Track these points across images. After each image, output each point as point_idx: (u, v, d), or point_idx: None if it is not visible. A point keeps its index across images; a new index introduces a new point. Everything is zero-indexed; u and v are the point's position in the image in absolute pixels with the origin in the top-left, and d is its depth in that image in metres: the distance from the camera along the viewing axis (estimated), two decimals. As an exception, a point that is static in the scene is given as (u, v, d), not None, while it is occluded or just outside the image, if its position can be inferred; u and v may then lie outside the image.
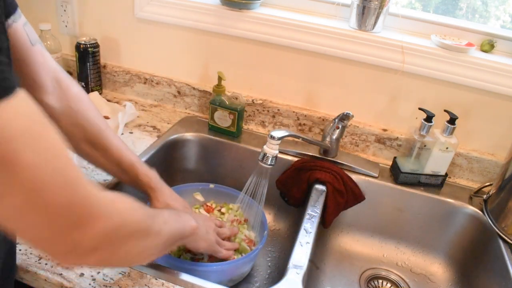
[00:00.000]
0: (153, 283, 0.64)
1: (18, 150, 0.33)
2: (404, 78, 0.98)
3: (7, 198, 0.34)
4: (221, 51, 1.09)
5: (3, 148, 0.32)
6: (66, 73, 0.66)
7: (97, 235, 0.40)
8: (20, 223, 0.36)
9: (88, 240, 0.40)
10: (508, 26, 1.03)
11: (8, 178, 0.33)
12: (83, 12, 1.17)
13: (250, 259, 0.82)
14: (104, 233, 0.41)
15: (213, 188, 0.94)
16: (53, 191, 0.36)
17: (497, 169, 0.99)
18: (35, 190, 0.35)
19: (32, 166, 0.34)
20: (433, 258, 1.00)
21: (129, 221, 0.46)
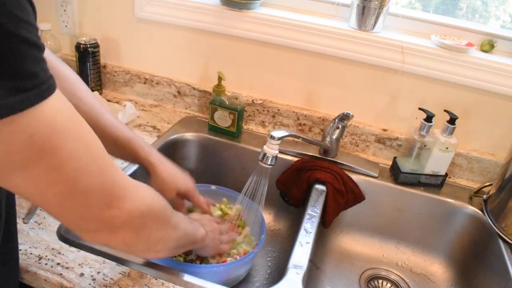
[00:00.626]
0: (153, 283, 0.64)
1: (61, 143, 0.37)
2: (404, 78, 0.98)
3: (55, 186, 0.38)
4: (221, 51, 1.09)
5: (50, 141, 0.36)
6: (55, 55, 0.66)
7: (125, 215, 0.45)
8: (62, 207, 0.41)
9: (118, 219, 0.44)
10: (508, 26, 1.03)
11: (55, 167, 0.37)
12: (83, 12, 1.17)
13: (246, 262, 0.82)
14: (131, 214, 0.45)
15: (215, 190, 0.93)
16: (91, 177, 0.40)
17: (497, 169, 0.99)
18: (76, 177, 0.39)
19: (74, 156, 0.38)
20: (433, 258, 1.00)
21: (153, 207, 0.49)
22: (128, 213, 0.45)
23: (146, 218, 0.48)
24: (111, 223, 0.44)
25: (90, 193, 0.41)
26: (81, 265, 0.65)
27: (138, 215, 0.47)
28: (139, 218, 0.47)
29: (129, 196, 0.45)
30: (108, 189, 0.42)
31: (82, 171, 0.39)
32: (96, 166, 0.41)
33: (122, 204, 0.44)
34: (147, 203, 0.48)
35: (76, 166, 0.38)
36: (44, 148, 0.35)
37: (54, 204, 0.40)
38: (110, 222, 0.44)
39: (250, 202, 0.86)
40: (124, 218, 0.45)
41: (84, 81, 1.13)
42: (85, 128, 0.40)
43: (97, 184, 0.41)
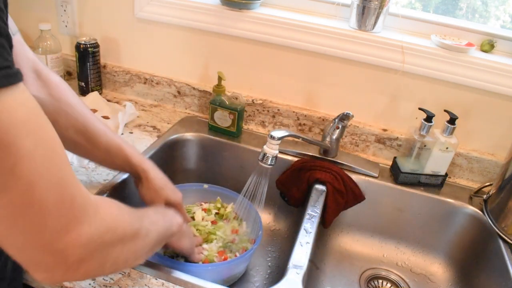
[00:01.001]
0: (153, 283, 0.64)
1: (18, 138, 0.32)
2: (404, 78, 0.98)
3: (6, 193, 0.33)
4: (221, 51, 1.09)
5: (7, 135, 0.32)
6: (43, 64, 0.66)
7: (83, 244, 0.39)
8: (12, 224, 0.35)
9: (75, 249, 0.38)
10: (508, 26, 1.03)
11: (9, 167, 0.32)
12: (83, 12, 1.17)
13: (245, 259, 0.82)
14: (92, 238, 0.39)
15: (207, 189, 0.94)
16: (48, 187, 0.35)
17: (497, 169, 0.99)
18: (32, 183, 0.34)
19: (31, 157, 0.33)
20: (433, 258, 1.00)
21: (116, 226, 0.44)
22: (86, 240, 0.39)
23: (109, 243, 0.42)
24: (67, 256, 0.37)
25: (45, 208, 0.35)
26: (81, 265, 0.65)
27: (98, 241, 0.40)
28: (100, 245, 0.41)
29: (87, 218, 0.39)
30: (66, 207, 0.37)
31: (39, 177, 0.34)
32: (56, 175, 0.36)
33: (79, 229, 0.38)
34: (108, 224, 0.42)
35: (32, 168, 0.34)
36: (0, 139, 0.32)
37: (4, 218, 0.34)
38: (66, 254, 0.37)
39: (246, 200, 0.87)
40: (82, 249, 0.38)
41: (84, 81, 1.15)
42: (50, 132, 0.36)
43: (54, 197, 0.35)
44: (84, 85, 1.15)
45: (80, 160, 0.88)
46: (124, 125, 1.05)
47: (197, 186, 0.94)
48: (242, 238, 0.86)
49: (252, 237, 0.87)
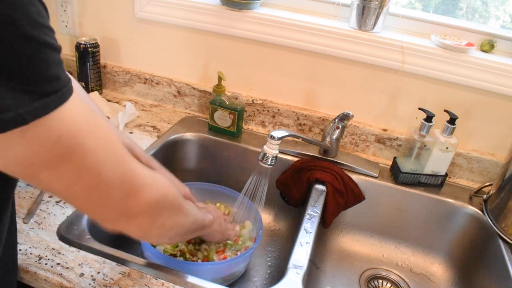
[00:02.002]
0: (153, 283, 0.64)
1: (85, 140, 0.39)
2: (404, 78, 0.98)
3: (80, 181, 0.40)
4: (221, 51, 1.09)
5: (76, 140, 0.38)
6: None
7: (143, 203, 0.47)
8: (87, 199, 0.43)
9: (136, 207, 0.47)
10: (508, 26, 1.03)
11: (79, 164, 0.39)
12: (83, 12, 1.17)
13: (245, 258, 0.82)
14: (148, 202, 0.48)
15: (209, 188, 0.94)
16: (111, 169, 0.42)
17: (497, 169, 0.99)
18: (99, 170, 0.41)
19: (96, 151, 0.40)
20: (433, 258, 1.00)
21: (167, 195, 0.52)
22: (145, 202, 0.48)
23: (161, 206, 0.51)
24: (130, 211, 0.47)
25: (111, 185, 0.43)
26: (81, 265, 0.65)
27: (154, 203, 0.49)
28: (155, 205, 0.50)
29: (145, 185, 0.47)
30: (126, 180, 0.45)
31: (103, 164, 0.41)
32: (115, 158, 0.43)
33: (139, 194, 0.47)
34: (162, 192, 0.51)
35: (97, 160, 0.41)
36: (70, 147, 0.38)
37: (80, 198, 0.43)
38: (129, 211, 0.47)
39: (247, 199, 0.87)
40: (142, 207, 0.47)
41: (84, 81, 1.15)
42: (103, 123, 0.42)
43: (117, 176, 0.43)
44: (84, 85, 1.15)
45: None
46: (124, 125, 1.05)
47: (199, 185, 0.94)
48: (245, 237, 0.86)
49: (253, 236, 0.87)
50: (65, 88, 0.37)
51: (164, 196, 0.51)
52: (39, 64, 0.34)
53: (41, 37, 0.34)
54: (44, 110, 0.35)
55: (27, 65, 0.33)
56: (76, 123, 0.38)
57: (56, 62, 0.36)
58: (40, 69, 0.34)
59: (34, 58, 0.33)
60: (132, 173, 0.46)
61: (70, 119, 0.37)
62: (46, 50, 0.35)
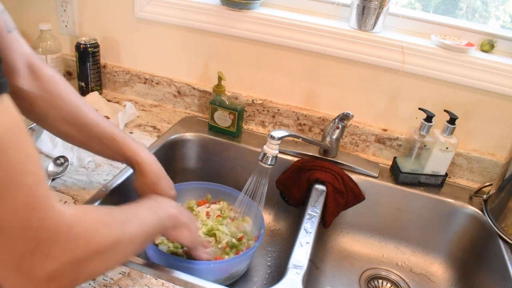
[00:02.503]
0: (153, 283, 0.64)
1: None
2: (404, 78, 0.98)
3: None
4: (221, 51, 1.09)
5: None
6: (39, 57, 0.66)
7: (54, 262, 0.37)
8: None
9: (45, 267, 0.36)
10: (508, 26, 1.03)
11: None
12: (83, 12, 1.17)
13: (247, 257, 0.82)
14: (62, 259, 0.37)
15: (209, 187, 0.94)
16: (13, 210, 0.33)
17: (497, 169, 0.99)
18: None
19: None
20: (433, 258, 1.00)
21: (92, 242, 0.42)
22: (56, 262, 0.37)
23: (82, 260, 0.40)
24: (34, 275, 0.35)
25: (7, 232, 0.33)
26: (81, 265, 0.65)
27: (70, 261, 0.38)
28: (73, 263, 0.39)
29: (58, 239, 0.37)
30: (32, 231, 0.34)
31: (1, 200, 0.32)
32: (23, 198, 0.34)
33: (47, 251, 0.36)
34: (81, 242, 0.40)
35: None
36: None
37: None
38: (33, 274, 0.35)
39: (248, 198, 0.87)
40: (52, 268, 0.36)
41: (84, 81, 1.15)
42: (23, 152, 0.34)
43: (18, 222, 0.33)
44: (84, 85, 1.15)
45: (80, 160, 0.88)
46: (124, 125, 1.05)
47: (200, 185, 0.94)
48: (249, 236, 0.86)
49: (255, 235, 0.87)
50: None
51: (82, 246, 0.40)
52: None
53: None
54: None
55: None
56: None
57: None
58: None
59: None
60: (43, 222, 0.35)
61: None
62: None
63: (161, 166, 0.75)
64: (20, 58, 0.62)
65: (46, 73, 0.66)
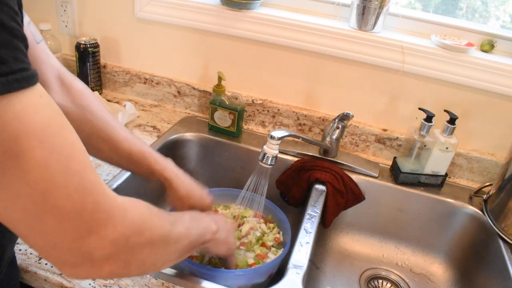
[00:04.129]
0: (153, 283, 0.64)
1: (29, 147, 0.31)
2: (404, 78, 0.98)
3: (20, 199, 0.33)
4: (221, 51, 1.09)
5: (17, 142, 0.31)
6: (68, 70, 0.66)
7: (107, 245, 0.38)
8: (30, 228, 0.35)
9: (98, 250, 0.38)
10: (508, 26, 1.03)
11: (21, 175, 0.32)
12: (83, 12, 1.17)
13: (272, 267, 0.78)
14: (114, 243, 0.39)
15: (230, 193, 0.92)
16: (65, 195, 0.34)
17: (497, 169, 0.99)
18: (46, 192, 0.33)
19: (42, 165, 0.32)
20: (433, 258, 1.00)
21: (144, 230, 0.43)
22: (110, 243, 0.38)
23: (135, 245, 0.42)
24: (90, 255, 0.37)
25: (62, 216, 0.34)
26: (81, 265, 0.65)
27: (123, 243, 0.40)
28: (126, 247, 0.40)
29: (112, 221, 0.38)
30: (87, 214, 0.36)
31: (53, 186, 0.33)
32: (74, 183, 0.35)
33: (103, 232, 0.37)
34: (135, 227, 0.42)
35: (46, 178, 0.33)
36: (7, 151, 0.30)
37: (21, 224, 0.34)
38: (89, 254, 0.37)
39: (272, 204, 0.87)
40: (107, 249, 0.38)
41: (84, 81, 1.13)
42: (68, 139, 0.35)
43: (72, 206, 0.35)
44: (84, 85, 1.15)
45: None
46: (124, 125, 1.05)
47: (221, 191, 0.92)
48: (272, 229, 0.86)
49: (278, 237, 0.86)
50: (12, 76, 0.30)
51: (139, 232, 0.42)
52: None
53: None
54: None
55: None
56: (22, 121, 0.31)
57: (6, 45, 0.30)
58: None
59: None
60: (96, 206, 0.37)
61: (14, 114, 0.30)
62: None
63: (189, 177, 0.74)
64: (51, 70, 0.61)
65: (77, 86, 0.65)
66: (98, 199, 0.37)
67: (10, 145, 0.30)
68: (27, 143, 0.31)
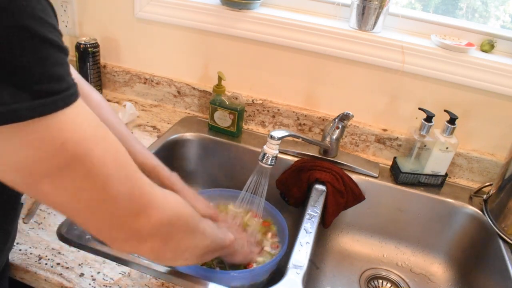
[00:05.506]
0: (153, 283, 0.64)
1: (90, 149, 0.37)
2: (404, 78, 0.98)
3: (85, 194, 0.38)
4: (221, 51, 1.09)
5: (81, 147, 0.36)
6: (85, 80, 0.66)
7: (153, 223, 0.44)
8: (92, 215, 0.40)
9: (146, 227, 0.44)
10: (508, 26, 1.03)
11: (85, 174, 0.37)
12: (83, 12, 1.17)
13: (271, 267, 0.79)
14: (159, 222, 0.45)
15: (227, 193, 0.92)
16: (119, 183, 0.40)
17: (497, 169, 0.99)
18: (106, 183, 0.39)
19: (103, 162, 0.38)
20: (433, 258, 1.00)
21: (181, 215, 0.49)
22: (156, 222, 0.45)
23: (174, 227, 0.48)
24: (139, 232, 0.44)
25: (119, 201, 0.40)
26: (81, 265, 0.65)
27: (166, 223, 0.46)
28: (167, 226, 0.47)
29: (156, 204, 0.45)
30: (136, 197, 0.42)
31: (111, 177, 0.39)
32: (124, 172, 0.41)
33: (150, 213, 0.44)
34: (175, 211, 0.48)
35: (105, 172, 0.38)
36: (75, 154, 0.35)
37: (84, 213, 0.40)
38: (138, 231, 0.44)
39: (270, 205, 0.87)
40: (152, 227, 0.45)
41: None
42: (111, 135, 0.41)
43: (125, 191, 0.41)
44: (84, 85, 1.15)
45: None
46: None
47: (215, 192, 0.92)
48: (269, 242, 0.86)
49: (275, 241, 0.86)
50: (69, 91, 0.35)
51: (178, 216, 0.48)
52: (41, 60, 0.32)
53: (44, 32, 0.32)
54: (43, 109, 0.32)
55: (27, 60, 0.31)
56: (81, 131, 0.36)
57: (60, 62, 0.34)
58: (41, 65, 0.32)
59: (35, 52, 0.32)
60: (142, 190, 0.43)
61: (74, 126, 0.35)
62: (48, 47, 0.33)
63: (194, 192, 0.77)
64: None
65: (95, 98, 0.66)
66: (143, 185, 0.43)
67: (75, 150, 0.35)
68: (87, 146, 0.36)
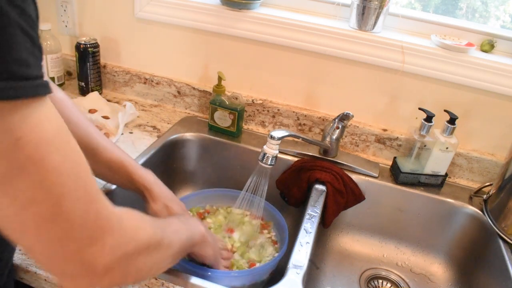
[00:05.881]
0: (153, 283, 0.64)
1: (48, 152, 0.33)
2: (404, 78, 0.98)
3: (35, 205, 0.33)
4: (221, 51, 1.09)
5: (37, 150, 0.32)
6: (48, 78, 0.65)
7: (107, 254, 0.39)
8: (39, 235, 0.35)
9: (100, 259, 0.39)
10: (508, 26, 1.03)
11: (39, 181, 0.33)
12: (83, 12, 1.17)
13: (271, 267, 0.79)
14: (114, 253, 0.40)
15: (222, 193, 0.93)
16: (75, 199, 0.35)
17: (497, 169, 0.99)
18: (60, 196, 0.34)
19: (59, 171, 0.34)
20: (433, 258, 1.00)
21: (140, 239, 0.45)
22: (110, 251, 0.39)
23: (132, 256, 0.43)
24: (93, 265, 0.38)
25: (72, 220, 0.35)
26: (81, 265, 0.65)
27: (122, 251, 0.41)
28: (124, 255, 0.42)
29: (111, 230, 0.40)
30: (90, 221, 0.37)
31: (67, 190, 0.35)
32: (82, 188, 0.36)
33: (104, 240, 0.39)
34: (131, 235, 0.43)
35: (60, 182, 0.34)
36: (30, 156, 0.32)
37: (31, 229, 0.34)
38: (90, 264, 0.38)
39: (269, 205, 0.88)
40: (107, 257, 0.39)
41: (84, 81, 1.15)
42: (74, 145, 0.37)
43: (80, 209, 0.36)
44: (84, 85, 1.15)
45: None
46: (124, 125, 1.05)
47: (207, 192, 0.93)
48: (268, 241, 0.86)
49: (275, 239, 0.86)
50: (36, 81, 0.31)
51: (136, 242, 0.43)
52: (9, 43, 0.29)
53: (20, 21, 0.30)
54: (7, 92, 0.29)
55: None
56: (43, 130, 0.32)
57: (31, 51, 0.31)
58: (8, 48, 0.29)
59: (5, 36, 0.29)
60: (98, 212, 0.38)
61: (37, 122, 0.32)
62: (21, 35, 0.30)
63: (168, 189, 0.74)
64: None
65: (57, 95, 0.64)
66: (98, 208, 0.38)
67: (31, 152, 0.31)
68: (46, 149, 0.32)
